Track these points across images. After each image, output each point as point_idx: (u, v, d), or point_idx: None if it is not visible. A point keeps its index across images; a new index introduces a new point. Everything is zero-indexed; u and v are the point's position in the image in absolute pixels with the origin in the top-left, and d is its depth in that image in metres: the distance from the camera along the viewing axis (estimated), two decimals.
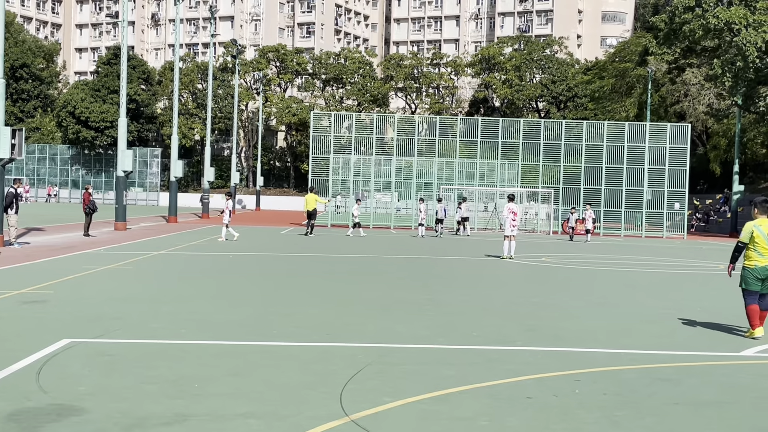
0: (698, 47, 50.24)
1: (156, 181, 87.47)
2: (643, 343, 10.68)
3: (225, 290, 15.07)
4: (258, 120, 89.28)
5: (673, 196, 46.30)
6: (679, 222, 46.79)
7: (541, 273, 21.45)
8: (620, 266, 24.36)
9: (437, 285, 17.25)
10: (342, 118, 52.58)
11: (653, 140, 46.45)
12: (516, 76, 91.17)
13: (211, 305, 12.92)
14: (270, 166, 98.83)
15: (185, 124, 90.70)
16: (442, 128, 48.91)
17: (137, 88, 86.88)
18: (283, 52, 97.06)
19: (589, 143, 46.94)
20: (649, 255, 30.15)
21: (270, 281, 16.85)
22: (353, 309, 12.96)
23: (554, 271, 22.26)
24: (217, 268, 19.42)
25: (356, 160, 48.12)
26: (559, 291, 16.83)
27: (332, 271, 19.67)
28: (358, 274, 19.13)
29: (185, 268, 19.22)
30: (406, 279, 18.43)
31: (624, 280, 19.97)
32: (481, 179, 48.72)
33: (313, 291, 15.33)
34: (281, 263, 21.65)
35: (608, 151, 46.55)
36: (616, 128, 47.58)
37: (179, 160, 46.15)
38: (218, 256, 23.24)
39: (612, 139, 46.76)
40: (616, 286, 18.46)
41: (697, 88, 62.43)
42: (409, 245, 31.51)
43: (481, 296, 15.39)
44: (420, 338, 10.50)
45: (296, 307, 13.04)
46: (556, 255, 28.22)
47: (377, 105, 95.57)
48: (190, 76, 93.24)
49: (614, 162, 46.50)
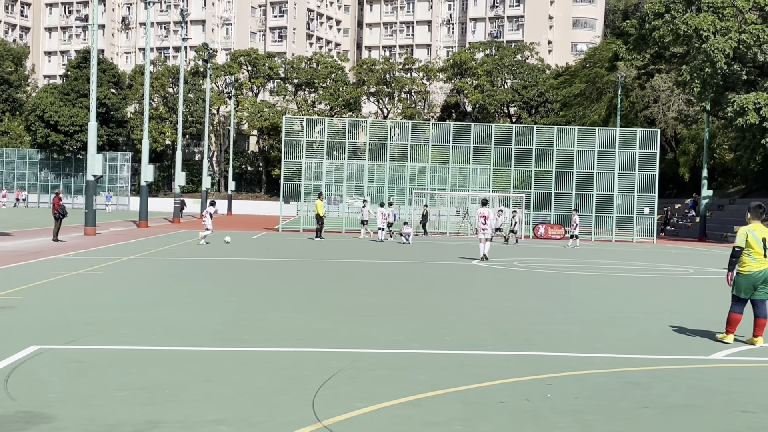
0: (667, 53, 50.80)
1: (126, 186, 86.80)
2: (614, 347, 10.76)
3: (196, 296, 14.98)
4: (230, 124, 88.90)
5: (643, 200, 46.71)
6: (648, 226, 47.22)
7: (514, 277, 21.53)
8: (592, 270, 24.52)
9: (409, 289, 17.26)
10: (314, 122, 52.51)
11: (623, 145, 46.85)
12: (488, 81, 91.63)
13: (182, 311, 12.83)
14: (242, 171, 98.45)
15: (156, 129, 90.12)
16: (414, 133, 49.02)
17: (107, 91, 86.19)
18: (255, 57, 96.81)
19: (560, 148, 47.26)
20: (619, 259, 30.39)
21: (241, 286, 16.78)
22: (325, 314, 12.93)
23: (526, 275, 22.35)
24: (188, 274, 19.30)
25: (329, 164, 48.08)
26: (532, 295, 16.91)
27: (304, 276, 19.61)
28: (330, 279, 19.09)
29: (156, 274, 19.08)
30: (377, 284, 18.42)
31: (595, 284, 20.10)
32: (453, 184, 48.88)
33: (285, 296, 15.28)
34: (253, 268, 21.56)
35: (579, 155, 46.90)
36: (587, 133, 47.94)
37: (150, 165, 45.83)
38: (189, 261, 23.10)
39: (582, 144, 47.11)
40: (588, 290, 18.57)
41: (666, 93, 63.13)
42: (380, 250, 31.51)
43: (454, 301, 15.41)
44: (392, 343, 10.50)
45: (268, 312, 12.99)
46: (528, 259, 28.36)
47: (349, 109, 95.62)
48: (161, 80, 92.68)
49: (585, 167, 46.85)
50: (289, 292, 16.04)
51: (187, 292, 15.44)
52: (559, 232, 45.96)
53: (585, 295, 17.31)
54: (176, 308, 13.13)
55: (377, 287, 17.58)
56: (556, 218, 47.51)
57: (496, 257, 27.51)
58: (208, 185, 68.97)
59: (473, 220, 49.09)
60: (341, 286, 17.50)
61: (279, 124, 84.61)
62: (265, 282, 17.87)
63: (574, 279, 21.41)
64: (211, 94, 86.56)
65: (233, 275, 19.30)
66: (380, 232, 38.02)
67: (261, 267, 22.13)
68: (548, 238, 45.52)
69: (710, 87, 45.64)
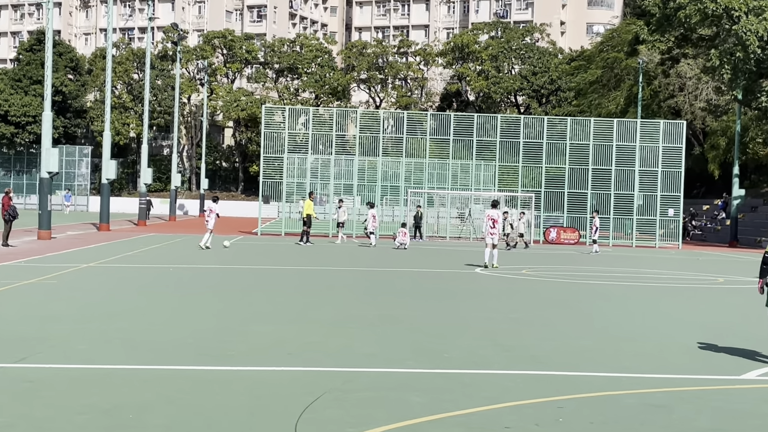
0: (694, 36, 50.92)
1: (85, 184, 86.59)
2: (632, 365, 10.77)
3: (163, 307, 14.96)
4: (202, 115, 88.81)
5: (667, 201, 46.80)
6: (673, 230, 47.32)
7: (521, 287, 21.55)
8: (609, 279, 24.56)
9: (405, 300, 17.27)
10: (297, 112, 52.48)
11: (645, 139, 46.94)
12: (493, 66, 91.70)
13: (148, 324, 12.82)
14: (215, 167, 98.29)
15: (119, 120, 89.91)
16: (410, 125, 49.03)
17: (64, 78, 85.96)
18: (231, 39, 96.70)
19: (573, 142, 47.33)
20: (640, 266, 30.42)
21: (215, 297, 16.76)
22: (310, 328, 12.92)
23: (535, 284, 22.38)
24: (154, 283, 19.28)
25: (313, 160, 48.04)
26: (541, 307, 16.93)
27: (286, 286, 19.60)
28: (316, 289, 19.07)
29: (118, 283, 19.05)
30: (370, 293, 18.42)
31: (612, 294, 20.13)
32: (453, 182, 48.89)
33: (265, 307, 15.27)
34: (228, 277, 21.54)
35: (595, 150, 46.97)
36: (604, 125, 48.02)
37: (112, 160, 45.71)
38: (156, 268, 23.07)
39: (599, 137, 47.19)
40: (604, 301, 18.60)
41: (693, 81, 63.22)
42: (373, 256, 31.51)
43: (454, 313, 15.43)
44: (386, 360, 10.50)
45: (246, 325, 12.99)
46: (538, 266, 28.40)
47: (337, 98, 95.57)
48: (124, 64, 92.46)
49: (602, 163, 46.93)
50: (269, 303, 16.03)
51: (152, 304, 15.42)
52: (572, 237, 46.03)
53: (600, 307, 17.34)
54: (140, 321, 13.10)
55: (369, 298, 17.57)
56: (569, 221, 47.58)
57: (502, 264, 27.55)
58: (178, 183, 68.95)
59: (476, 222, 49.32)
60: (328, 296, 17.49)
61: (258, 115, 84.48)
62: (242, 292, 17.84)
63: (588, 289, 21.45)
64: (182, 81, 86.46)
65: (205, 284, 19.27)
66: (371, 236, 37.92)
67: (238, 275, 22.11)
68: (560, 243, 45.59)
69: (742, 73, 45.74)
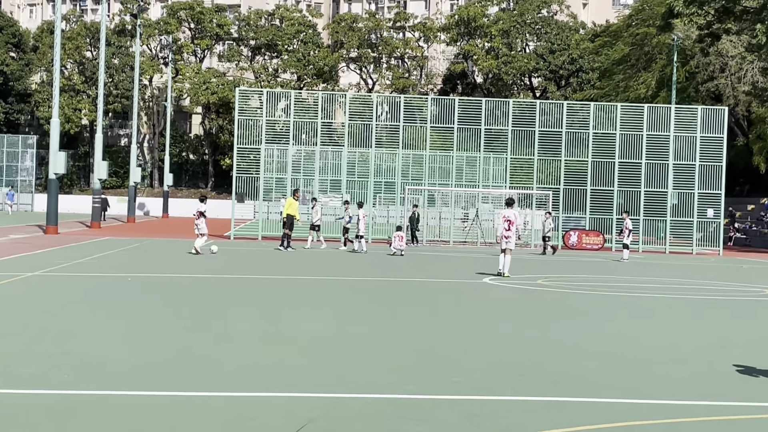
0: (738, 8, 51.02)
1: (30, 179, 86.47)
2: (666, 390, 10.78)
3: (121, 323, 14.91)
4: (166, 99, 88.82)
5: (706, 199, 46.86)
6: (712, 233, 47.38)
7: (538, 299, 21.56)
8: (637, 290, 24.57)
9: (405, 315, 17.25)
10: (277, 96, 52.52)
11: (680, 128, 47.01)
12: (504, 43, 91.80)
13: (103, 344, 12.78)
14: (181, 160, 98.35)
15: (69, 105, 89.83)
16: (408, 111, 49.02)
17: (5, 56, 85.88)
18: (200, 11, 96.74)
19: (597, 131, 47.38)
20: (674, 276, 30.45)
21: (180, 311, 16.72)
22: (291, 347, 12.90)
23: (554, 296, 22.38)
24: (111, 294, 19.23)
25: (295, 152, 48.01)
26: (561, 323, 16.93)
27: (263, 298, 19.57)
28: (298, 302, 19.05)
29: (69, 295, 19.01)
30: (363, 307, 18.40)
31: (642, 308, 20.15)
32: (458, 177, 48.87)
33: (237, 323, 15.23)
34: (195, 288, 21.50)
35: (622, 141, 47.00)
36: (633, 112, 48.08)
37: (61, 152, 45.67)
38: (113, 278, 23.02)
39: (627, 125, 47.22)
40: (632, 316, 18.61)
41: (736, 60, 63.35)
42: (364, 264, 31.49)
43: (461, 330, 15.42)
44: (381, 385, 10.49)
45: (215, 344, 12.95)
46: (556, 276, 28.40)
47: (323, 80, 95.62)
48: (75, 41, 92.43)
49: (630, 155, 46.95)
50: (242, 318, 16.00)
51: (108, 320, 15.37)
52: (596, 241, 46.08)
53: (629, 324, 17.34)
54: (94, 340, 13.06)
55: (362, 311, 17.56)
56: (592, 223, 47.60)
57: (516, 273, 27.55)
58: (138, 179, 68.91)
59: (484, 225, 49.37)
60: (311, 310, 17.45)
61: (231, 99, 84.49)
62: (212, 306, 17.80)
63: (615, 302, 21.45)
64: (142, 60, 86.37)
65: (170, 296, 19.23)
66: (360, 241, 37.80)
67: (206, 286, 22.07)
68: (581, 249, 45.66)
69: None
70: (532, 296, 22.40)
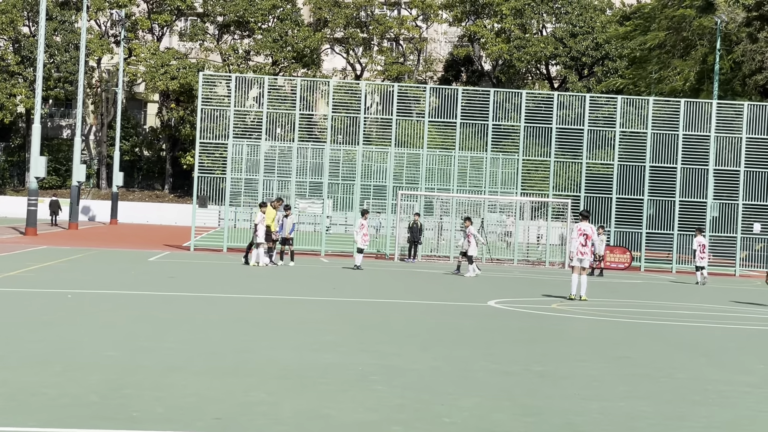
0: None
1: None
2: None
3: (57, 348, 14.88)
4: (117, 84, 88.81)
5: (752, 212, 46.91)
6: (760, 252, 47.43)
7: (551, 327, 21.56)
8: (668, 317, 24.58)
9: (392, 343, 17.23)
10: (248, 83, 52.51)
11: (723, 127, 47.12)
12: (516, 25, 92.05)
13: (37, 372, 12.74)
14: (134, 157, 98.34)
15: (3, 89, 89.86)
16: (402, 102, 49.08)
17: None
18: None
19: (625, 130, 47.47)
20: (713, 301, 30.48)
21: (127, 334, 16.69)
22: (259, 379, 12.88)
23: (569, 323, 22.41)
24: (47, 314, 19.19)
25: (269, 148, 48.00)
26: (577, 355, 16.93)
27: (228, 320, 19.55)
28: (268, 325, 19.06)
29: None
30: (343, 334, 18.37)
31: (675, 339, 20.15)
32: (461, 181, 48.85)
33: (193, 350, 15.21)
34: (149, 306, 21.47)
35: (654, 141, 47.06)
36: (668, 107, 48.19)
37: None
38: (50, 294, 23.01)
39: (660, 123, 47.33)
40: (664, 348, 18.61)
41: None
42: (348, 281, 31.50)
43: (458, 362, 15.41)
44: (363, 426, 10.47)
45: (169, 375, 12.92)
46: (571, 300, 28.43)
47: (303, 65, 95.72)
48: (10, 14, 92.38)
49: (663, 159, 47.03)
50: (204, 343, 15.98)
51: (43, 344, 15.34)
52: (622, 259, 46.04)
53: (660, 357, 17.34)
54: (27, 368, 13.03)
55: (341, 339, 17.53)
56: (617, 238, 47.59)
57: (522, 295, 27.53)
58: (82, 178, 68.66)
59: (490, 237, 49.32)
60: (284, 336, 17.44)
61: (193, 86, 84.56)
62: (166, 328, 17.79)
63: (641, 331, 21.46)
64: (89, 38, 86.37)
65: (116, 317, 19.18)
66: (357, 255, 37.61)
67: (162, 305, 22.04)
68: (606, 268, 45.66)
69: None
70: (543, 322, 22.35)
